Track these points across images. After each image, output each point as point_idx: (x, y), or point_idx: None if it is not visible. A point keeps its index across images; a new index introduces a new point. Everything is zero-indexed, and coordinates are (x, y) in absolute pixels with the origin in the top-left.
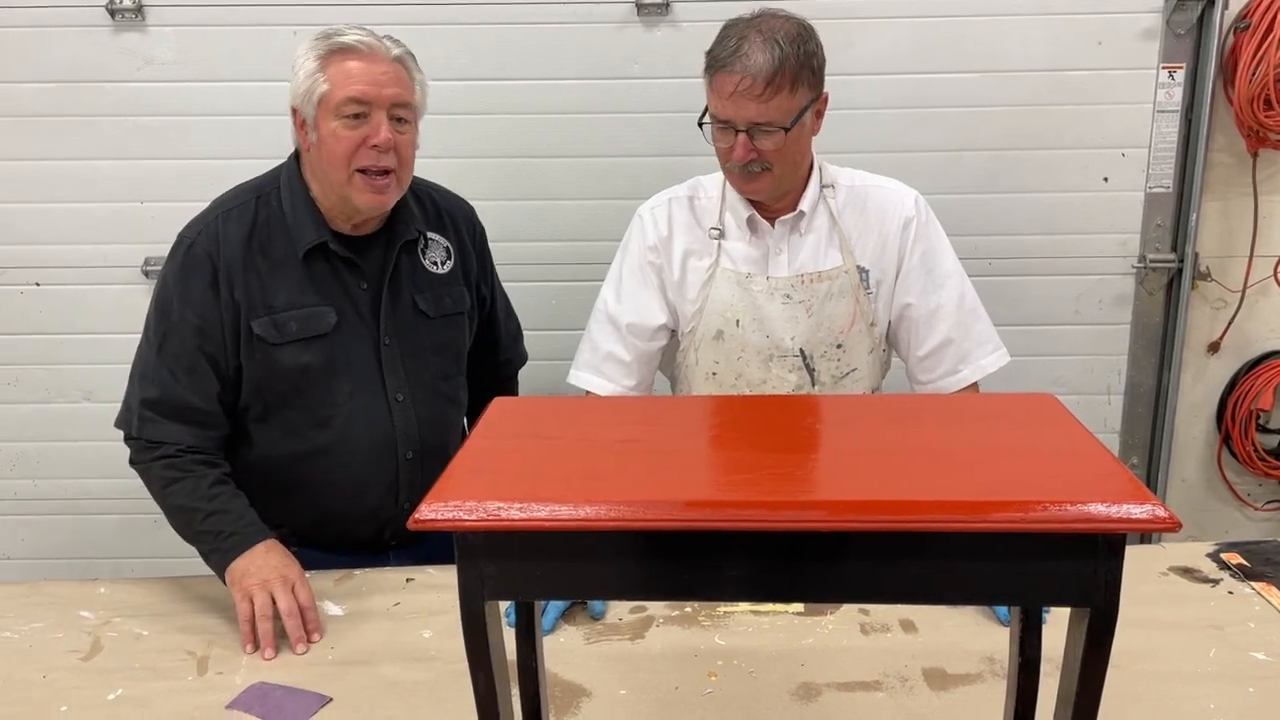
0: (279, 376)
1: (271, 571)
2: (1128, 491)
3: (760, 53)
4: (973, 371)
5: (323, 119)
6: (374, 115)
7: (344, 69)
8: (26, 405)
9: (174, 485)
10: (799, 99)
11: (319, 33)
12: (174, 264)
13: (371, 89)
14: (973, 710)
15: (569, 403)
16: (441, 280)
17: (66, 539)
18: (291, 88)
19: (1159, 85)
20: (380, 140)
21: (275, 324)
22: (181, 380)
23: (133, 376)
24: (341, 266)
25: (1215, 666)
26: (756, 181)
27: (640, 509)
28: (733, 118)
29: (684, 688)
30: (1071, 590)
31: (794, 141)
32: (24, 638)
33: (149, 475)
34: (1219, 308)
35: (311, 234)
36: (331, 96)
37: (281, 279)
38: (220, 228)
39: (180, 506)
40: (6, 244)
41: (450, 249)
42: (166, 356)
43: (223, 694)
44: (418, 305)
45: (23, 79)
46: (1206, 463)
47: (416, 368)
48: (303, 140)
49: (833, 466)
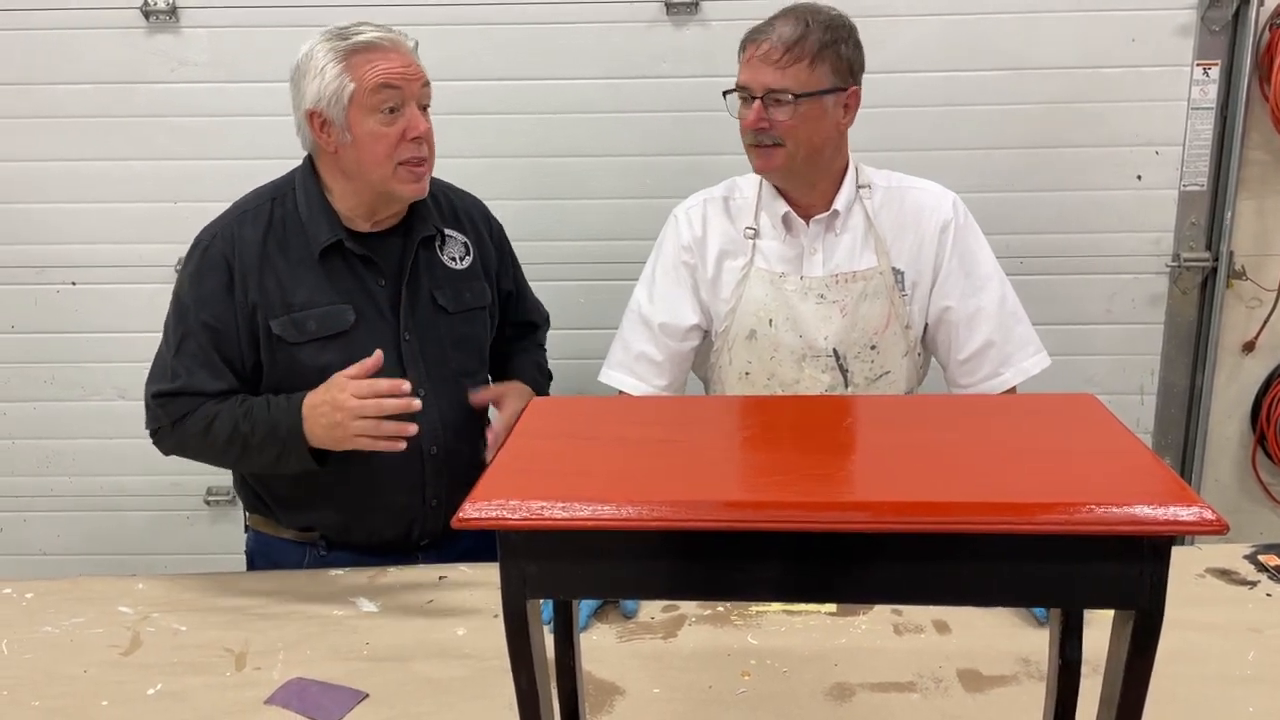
0: (300, 376)
1: (327, 402)
2: (1174, 493)
3: (787, 25)
4: (1014, 374)
5: (356, 118)
6: (407, 107)
7: (370, 64)
8: (62, 403)
9: (213, 428)
10: (818, 77)
11: (331, 33)
12: (190, 266)
13: (400, 78)
14: (1009, 712)
15: (605, 403)
16: (460, 276)
17: (102, 535)
18: (311, 90)
19: (1193, 82)
20: (421, 131)
21: (295, 323)
22: (199, 375)
23: (150, 376)
24: (359, 264)
25: (1254, 669)
26: (771, 158)
27: (683, 509)
28: (750, 83)
29: (717, 687)
30: (1116, 593)
31: (809, 119)
32: (65, 633)
33: (187, 443)
34: (1254, 307)
35: (327, 233)
36: (362, 91)
37: (299, 278)
38: (236, 230)
39: (229, 441)
40: (43, 243)
41: (469, 244)
42: (184, 357)
43: (261, 689)
44: (437, 301)
45: (58, 80)
46: (1241, 463)
47: (437, 363)
48: (324, 142)
49: (871, 467)
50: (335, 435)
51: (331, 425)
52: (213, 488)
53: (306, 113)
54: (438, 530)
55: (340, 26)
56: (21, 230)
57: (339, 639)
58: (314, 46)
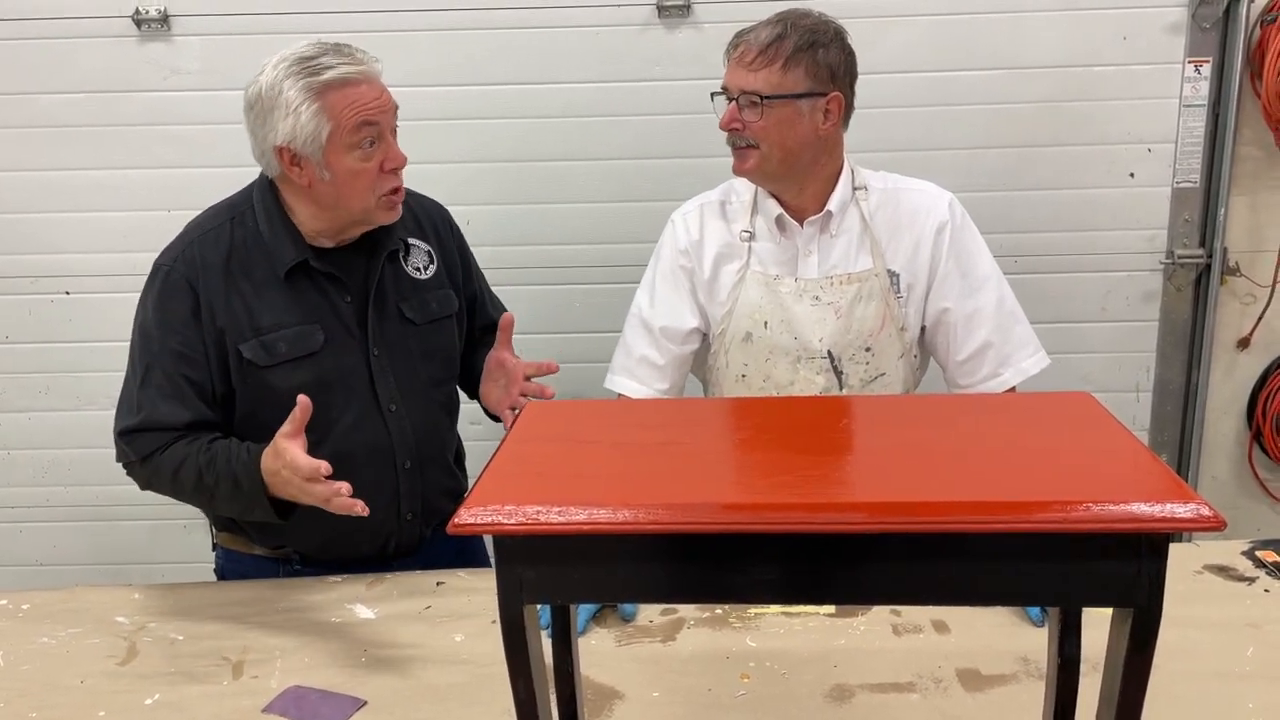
0: (272, 398)
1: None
2: (1171, 490)
3: (766, 28)
4: (1013, 375)
5: (335, 158)
6: (384, 138)
7: (348, 103)
8: (58, 413)
9: (180, 472)
10: (791, 80)
11: (298, 67)
12: (152, 292)
13: (378, 113)
14: (1009, 711)
15: (601, 405)
16: (425, 285)
17: (98, 545)
18: (283, 128)
19: (1185, 80)
20: (400, 163)
21: (264, 345)
22: (164, 408)
23: (118, 410)
24: (324, 281)
25: (1253, 665)
26: (745, 160)
27: (680, 512)
28: (727, 85)
29: (716, 690)
30: (1114, 590)
31: (781, 122)
32: (61, 643)
33: (157, 480)
34: (1248, 303)
35: (291, 253)
36: (340, 131)
37: (266, 300)
38: (198, 253)
39: (195, 490)
40: (37, 253)
41: (432, 253)
42: (149, 389)
43: (258, 698)
44: (404, 313)
45: (50, 90)
46: (1237, 460)
47: (407, 376)
48: (295, 176)
49: (870, 467)
50: (299, 499)
51: (298, 494)
52: None
53: (276, 148)
54: (413, 543)
55: (304, 58)
56: (15, 240)
57: (337, 646)
58: (279, 80)
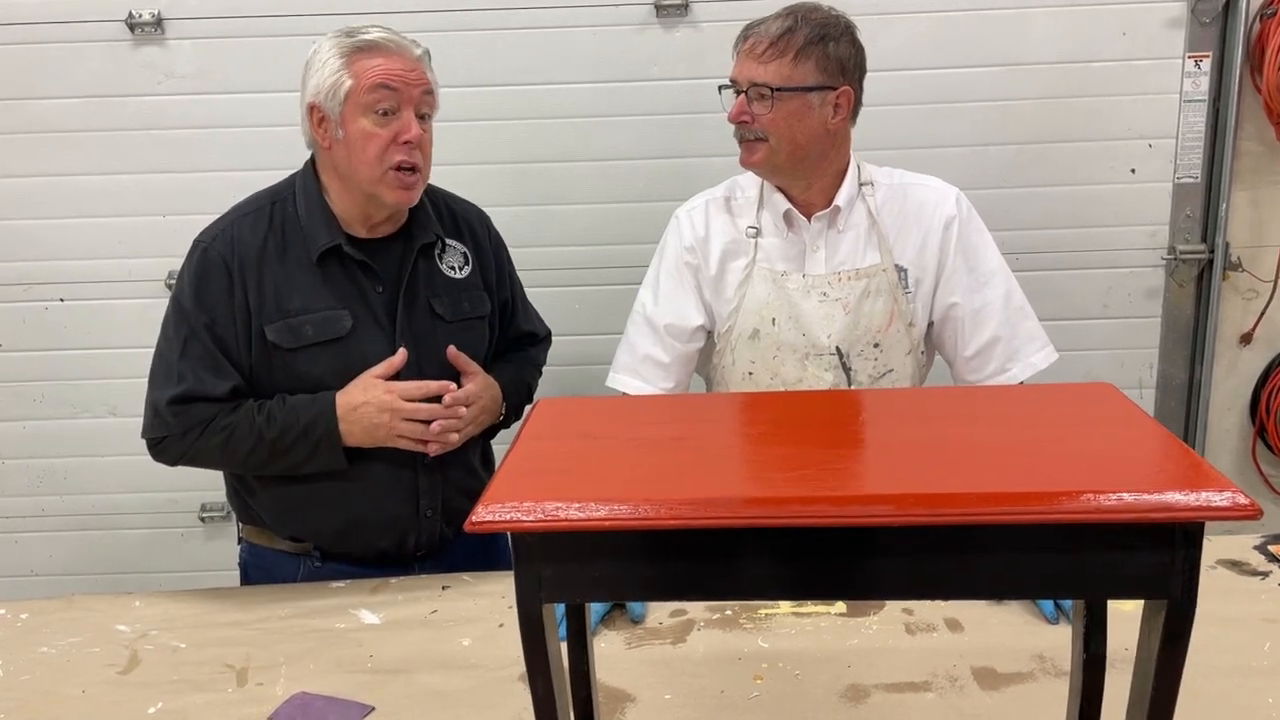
0: (295, 382)
1: (373, 403)
2: (1206, 479)
3: (777, 21)
4: (1022, 369)
5: (350, 116)
6: (403, 111)
7: (371, 64)
8: (53, 421)
9: (231, 440)
10: (801, 73)
11: (341, 30)
12: (190, 268)
13: (399, 81)
14: (1028, 709)
15: (614, 402)
16: (459, 285)
17: (95, 554)
18: (312, 84)
19: (1185, 75)
20: (413, 135)
21: (290, 328)
22: (206, 378)
23: (154, 381)
24: (356, 269)
25: (1271, 660)
26: (753, 152)
27: (703, 507)
28: (736, 78)
29: (730, 691)
30: (1148, 582)
31: (791, 115)
32: (61, 653)
33: (200, 454)
34: (1250, 298)
35: (325, 236)
36: (358, 89)
37: (296, 283)
38: (235, 233)
39: (252, 451)
40: (31, 260)
41: (468, 254)
42: (190, 358)
43: (264, 705)
44: (434, 309)
45: (43, 95)
46: (1241, 455)
47: (433, 371)
48: (321, 138)
49: (892, 460)
50: (375, 435)
51: (374, 426)
52: (207, 504)
53: (308, 106)
54: (434, 540)
55: (351, 28)
56: (8, 246)
57: (342, 652)
58: (323, 43)
